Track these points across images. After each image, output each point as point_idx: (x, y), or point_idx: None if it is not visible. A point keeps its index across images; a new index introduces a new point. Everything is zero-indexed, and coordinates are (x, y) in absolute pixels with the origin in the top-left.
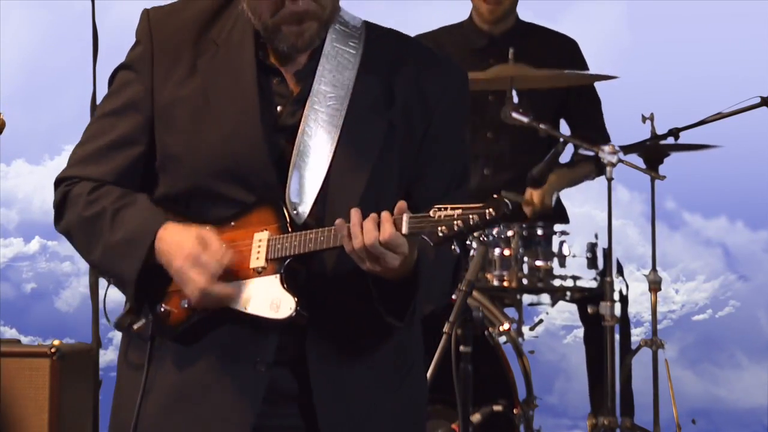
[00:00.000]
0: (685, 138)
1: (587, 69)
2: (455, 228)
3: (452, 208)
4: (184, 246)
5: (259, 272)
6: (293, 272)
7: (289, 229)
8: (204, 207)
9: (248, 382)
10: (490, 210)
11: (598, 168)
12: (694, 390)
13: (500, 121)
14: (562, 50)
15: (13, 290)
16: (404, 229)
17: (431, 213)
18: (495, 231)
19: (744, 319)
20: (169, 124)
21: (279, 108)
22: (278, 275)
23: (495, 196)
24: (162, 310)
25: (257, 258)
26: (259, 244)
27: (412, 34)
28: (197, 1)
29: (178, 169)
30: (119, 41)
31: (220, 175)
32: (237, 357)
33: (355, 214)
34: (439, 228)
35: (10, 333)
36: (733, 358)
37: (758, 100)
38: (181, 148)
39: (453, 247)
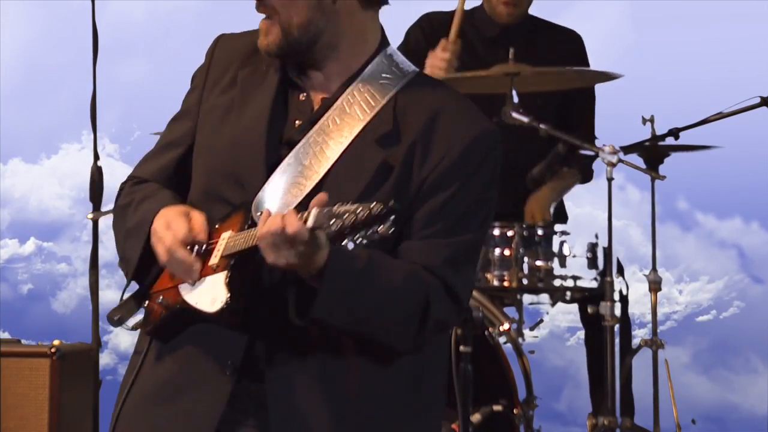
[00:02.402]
0: (685, 138)
1: (588, 66)
2: (344, 221)
3: (351, 203)
4: (167, 215)
5: (215, 269)
6: (245, 271)
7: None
8: (211, 208)
9: (215, 386)
10: (378, 204)
11: (582, 175)
12: (705, 394)
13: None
14: (566, 46)
15: (10, 292)
16: (309, 222)
17: (334, 208)
18: (495, 231)
19: (754, 321)
20: (203, 127)
21: (297, 122)
22: (226, 271)
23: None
24: (146, 306)
25: (215, 256)
26: (222, 242)
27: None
28: None
29: (198, 168)
30: (117, 39)
31: (225, 178)
32: (207, 359)
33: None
34: (333, 221)
35: (4, 336)
36: (748, 363)
37: (758, 100)
38: (204, 149)
39: (344, 242)
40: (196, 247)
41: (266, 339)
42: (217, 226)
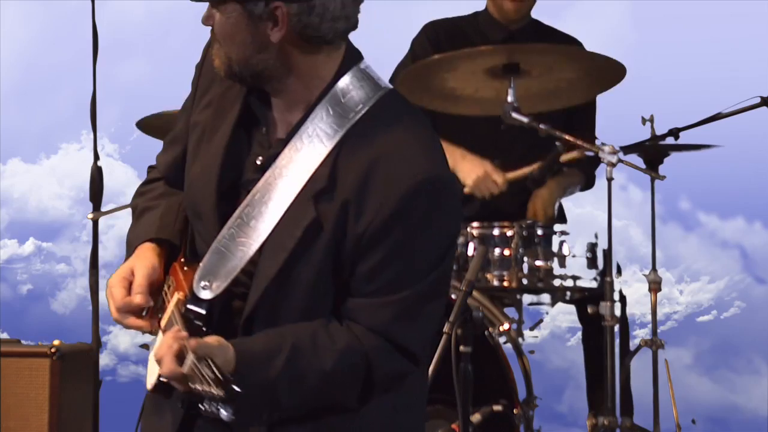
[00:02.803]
0: (685, 138)
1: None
2: (202, 389)
3: (213, 368)
4: (113, 278)
5: (164, 331)
6: None
7: (185, 303)
8: (193, 232)
9: (171, 412)
10: (221, 391)
11: (585, 177)
12: (707, 395)
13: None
14: None
15: (9, 292)
16: (184, 369)
17: (202, 366)
18: (495, 231)
19: (757, 322)
20: (189, 143)
21: (259, 160)
22: None
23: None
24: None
25: (163, 319)
26: (170, 308)
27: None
28: None
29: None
30: (116, 39)
31: (193, 215)
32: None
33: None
34: (196, 384)
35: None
36: (750, 364)
37: (758, 100)
38: (185, 170)
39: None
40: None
41: None
42: (186, 268)
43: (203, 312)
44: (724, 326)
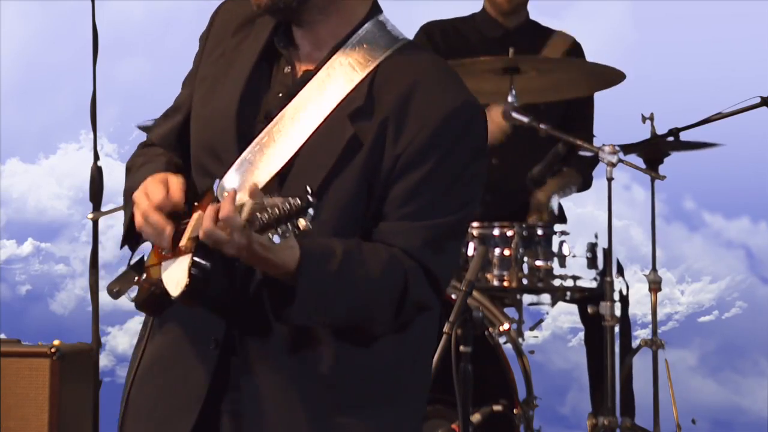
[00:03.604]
0: (685, 138)
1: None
2: (269, 214)
3: (278, 197)
4: (147, 182)
5: (184, 251)
6: (211, 256)
7: None
8: (200, 180)
9: (202, 358)
10: (296, 198)
11: (583, 178)
12: (712, 396)
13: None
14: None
15: (8, 293)
16: (243, 214)
17: (265, 200)
18: (495, 231)
19: (762, 323)
20: (195, 97)
21: (280, 95)
22: (190, 254)
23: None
24: (136, 280)
25: (184, 237)
26: (192, 223)
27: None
28: None
29: (191, 140)
30: (115, 38)
31: (206, 151)
32: (195, 332)
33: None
34: (260, 215)
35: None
36: (756, 366)
37: (758, 100)
38: (193, 120)
39: (270, 235)
40: (170, 228)
41: (243, 317)
42: (195, 204)
43: None
44: (726, 327)
